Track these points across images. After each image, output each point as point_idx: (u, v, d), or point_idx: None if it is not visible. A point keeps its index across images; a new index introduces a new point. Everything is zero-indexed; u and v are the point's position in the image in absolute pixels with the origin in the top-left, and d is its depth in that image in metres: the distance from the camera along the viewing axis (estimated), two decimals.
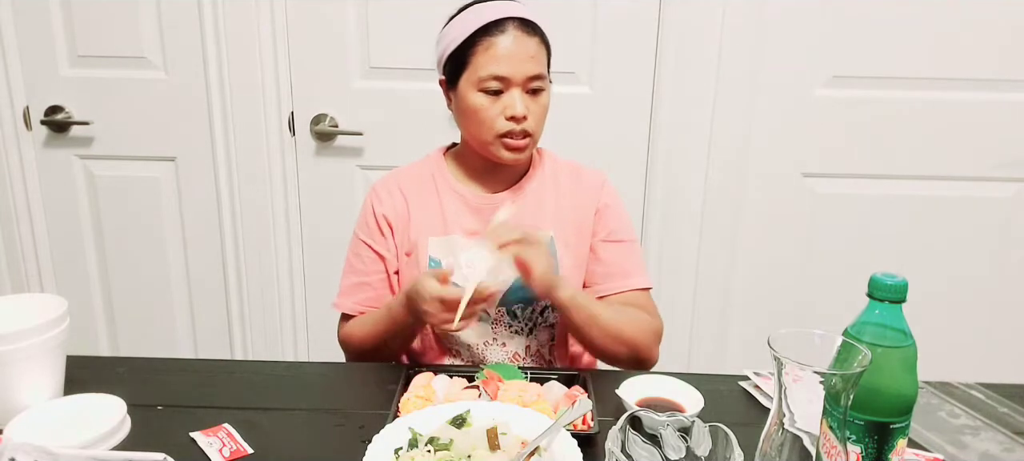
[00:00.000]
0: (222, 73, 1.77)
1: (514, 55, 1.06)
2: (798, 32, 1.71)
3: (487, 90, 1.07)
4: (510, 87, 1.07)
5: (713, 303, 1.90)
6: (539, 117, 1.10)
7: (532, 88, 1.08)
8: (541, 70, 1.09)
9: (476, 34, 1.07)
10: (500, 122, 1.07)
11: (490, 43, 1.06)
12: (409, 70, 1.75)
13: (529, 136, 1.09)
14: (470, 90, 1.08)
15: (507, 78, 1.06)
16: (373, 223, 1.18)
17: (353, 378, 1.10)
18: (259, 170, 1.83)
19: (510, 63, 1.06)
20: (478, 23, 1.07)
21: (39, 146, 1.86)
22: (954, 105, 1.75)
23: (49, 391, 0.92)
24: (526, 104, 1.07)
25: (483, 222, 1.15)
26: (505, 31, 1.06)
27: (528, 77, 1.07)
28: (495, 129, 1.08)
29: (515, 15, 1.07)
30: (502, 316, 1.16)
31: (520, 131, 1.08)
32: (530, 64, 1.07)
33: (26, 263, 1.93)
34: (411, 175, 1.21)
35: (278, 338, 1.96)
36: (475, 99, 1.08)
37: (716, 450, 0.68)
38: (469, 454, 0.79)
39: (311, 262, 1.92)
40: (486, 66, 1.06)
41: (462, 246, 1.14)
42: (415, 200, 1.18)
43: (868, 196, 1.82)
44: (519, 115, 1.06)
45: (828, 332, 0.66)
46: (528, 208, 1.16)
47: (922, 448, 0.89)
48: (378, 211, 1.18)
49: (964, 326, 1.88)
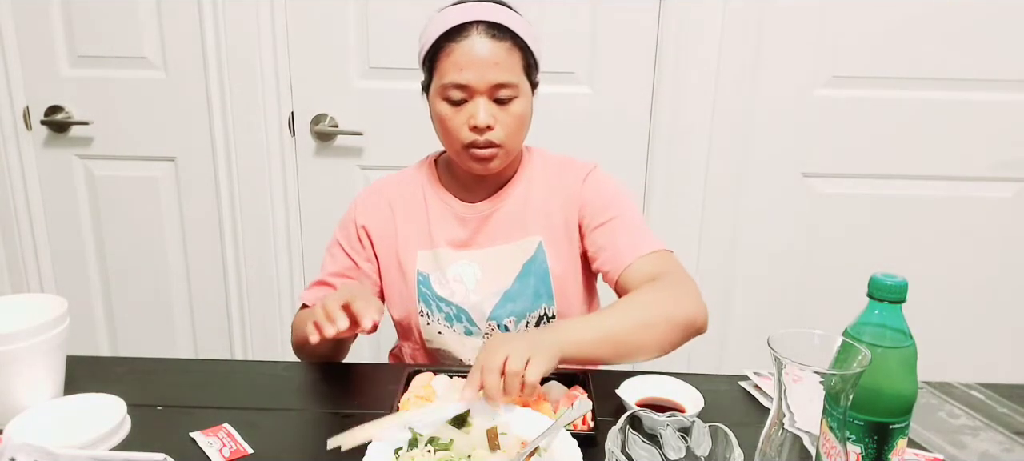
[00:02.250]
0: (222, 73, 1.77)
1: (476, 63, 1.00)
2: (798, 32, 1.71)
3: (450, 100, 1.02)
4: (474, 95, 1.01)
5: (713, 303, 1.89)
6: (510, 127, 1.04)
7: (499, 97, 1.02)
8: (508, 77, 1.01)
9: (440, 40, 1.02)
10: (464, 132, 1.03)
11: (451, 49, 1.01)
12: (409, 70, 1.72)
13: (497, 146, 1.04)
14: (436, 99, 1.04)
15: (468, 86, 1.01)
16: (352, 230, 1.16)
17: (353, 378, 1.10)
18: (259, 170, 1.83)
19: (471, 71, 1.00)
20: (443, 28, 1.01)
21: (39, 146, 1.86)
22: (954, 105, 1.75)
23: (49, 391, 0.92)
24: (492, 113, 1.02)
25: (470, 232, 1.13)
26: (468, 36, 1.00)
27: (492, 85, 1.01)
28: (460, 139, 1.03)
29: (482, 18, 1.00)
30: (492, 330, 1.14)
31: (484, 141, 1.03)
32: (494, 71, 1.00)
33: (26, 263, 1.93)
34: (399, 185, 1.18)
35: (278, 338, 1.96)
36: (440, 108, 1.04)
37: (716, 450, 0.68)
38: (469, 454, 0.79)
39: (311, 262, 1.92)
40: (447, 74, 1.01)
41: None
42: (402, 213, 1.15)
43: (868, 196, 1.82)
44: (480, 125, 1.01)
45: (828, 332, 0.66)
46: (507, 215, 1.13)
47: (922, 448, 0.89)
48: (359, 221, 1.16)
49: (964, 326, 1.88)
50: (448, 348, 1.15)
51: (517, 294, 1.12)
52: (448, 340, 1.14)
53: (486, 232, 1.13)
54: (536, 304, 1.13)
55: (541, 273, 1.12)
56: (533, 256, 1.12)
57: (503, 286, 1.12)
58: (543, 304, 1.13)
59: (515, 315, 1.13)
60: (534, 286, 1.12)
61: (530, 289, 1.12)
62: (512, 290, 1.12)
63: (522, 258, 1.12)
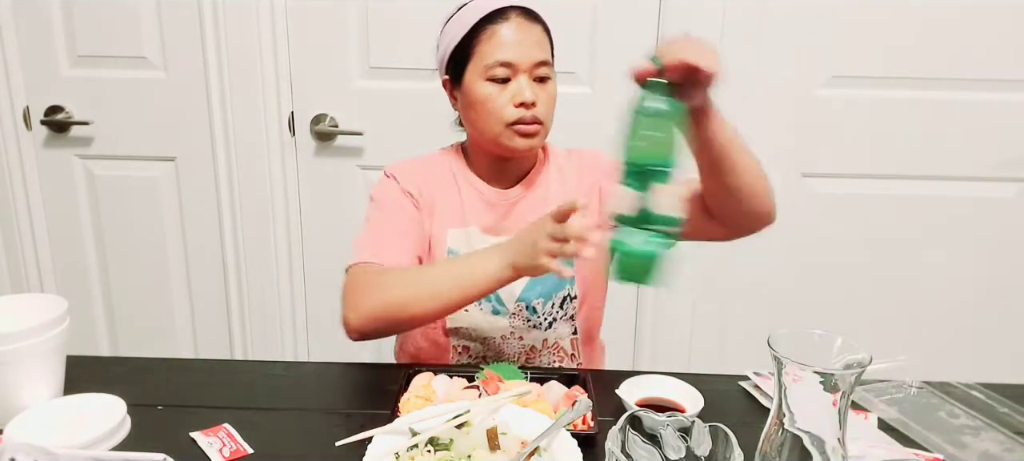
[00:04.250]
0: (222, 73, 1.77)
1: (520, 41, 1.06)
2: (798, 32, 1.71)
3: (494, 78, 1.07)
4: (517, 74, 1.07)
5: (713, 303, 1.90)
6: (548, 106, 1.10)
7: (539, 75, 1.08)
8: (547, 56, 1.09)
9: (479, 24, 1.07)
10: (509, 110, 1.07)
11: (494, 30, 1.06)
12: (409, 70, 1.75)
13: (540, 123, 1.08)
14: (477, 81, 1.08)
15: (514, 64, 1.06)
16: (396, 194, 1.13)
17: (353, 378, 1.10)
18: (259, 170, 1.83)
19: (516, 49, 1.06)
20: (480, 14, 1.07)
21: (39, 146, 1.86)
22: (954, 105, 1.75)
23: (49, 391, 0.92)
24: (534, 91, 1.07)
25: (498, 217, 1.16)
26: (508, 19, 1.07)
27: (535, 63, 1.07)
28: (504, 117, 1.07)
29: (518, 4, 1.08)
30: (521, 310, 1.16)
31: (531, 117, 1.07)
32: (536, 50, 1.07)
33: (26, 263, 1.93)
34: (428, 167, 1.19)
35: (278, 338, 1.96)
36: (482, 89, 1.07)
37: (716, 450, 0.68)
38: (469, 454, 0.79)
39: (311, 262, 1.92)
40: (492, 53, 1.06)
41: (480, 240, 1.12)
42: (436, 190, 1.17)
43: (868, 196, 1.82)
44: (528, 100, 1.06)
45: (828, 332, 0.66)
46: (537, 201, 1.16)
47: (922, 448, 0.89)
48: (403, 185, 1.14)
49: (964, 326, 1.88)
50: (472, 326, 1.16)
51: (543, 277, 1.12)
52: (474, 318, 1.16)
53: (514, 217, 1.17)
54: (561, 285, 1.16)
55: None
56: None
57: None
58: (566, 285, 1.17)
59: (542, 297, 1.16)
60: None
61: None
62: None
63: None
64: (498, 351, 1.17)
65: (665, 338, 1.93)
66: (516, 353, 1.18)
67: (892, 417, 0.95)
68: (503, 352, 1.17)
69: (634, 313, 1.92)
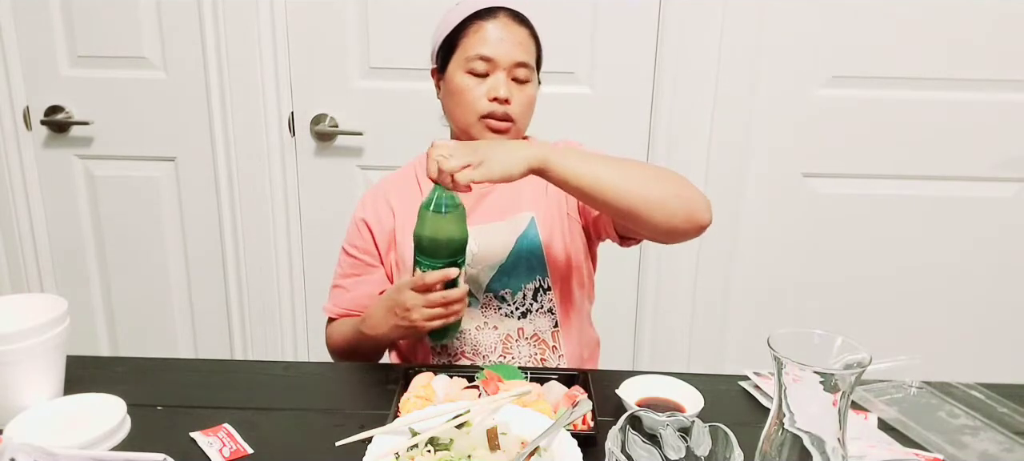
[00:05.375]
0: (222, 73, 1.77)
1: (502, 39, 1.10)
2: (798, 32, 1.71)
3: (474, 71, 1.10)
4: (496, 70, 1.10)
5: (713, 303, 1.90)
6: (523, 106, 1.13)
7: (517, 76, 1.11)
8: (528, 59, 1.12)
9: (468, 19, 1.12)
10: (483, 102, 1.10)
11: (480, 26, 1.11)
12: (409, 70, 1.75)
13: (511, 121, 1.11)
14: (457, 72, 1.12)
15: (493, 59, 1.09)
16: (354, 230, 1.25)
17: (353, 378, 1.10)
18: (259, 170, 1.83)
19: (498, 46, 1.09)
20: (471, 9, 1.12)
21: (39, 146, 1.86)
22: (954, 105, 1.75)
23: (49, 391, 0.92)
24: (510, 90, 1.10)
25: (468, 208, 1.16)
26: (495, 17, 1.11)
27: (515, 62, 1.10)
28: (478, 109, 1.11)
29: (508, 5, 1.12)
30: (490, 300, 1.17)
31: (503, 113, 1.10)
32: (517, 50, 1.10)
33: (26, 263, 1.93)
34: (396, 180, 1.26)
35: (278, 338, 1.96)
36: (461, 80, 1.11)
37: (716, 450, 0.68)
38: (469, 454, 0.79)
39: (311, 262, 1.92)
40: (474, 47, 1.10)
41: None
42: (398, 202, 1.21)
43: (868, 196, 1.82)
44: (502, 96, 1.09)
45: (828, 332, 0.66)
46: (506, 191, 1.17)
47: (922, 448, 0.89)
48: (358, 216, 1.24)
49: (964, 326, 1.89)
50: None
51: (511, 268, 1.16)
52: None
53: (480, 211, 1.18)
54: (531, 276, 1.17)
55: (533, 247, 1.17)
56: (525, 231, 1.17)
57: (498, 260, 1.16)
58: (537, 276, 1.17)
59: (511, 288, 1.17)
60: (527, 260, 1.17)
61: (523, 263, 1.17)
62: (506, 264, 1.17)
63: (515, 233, 1.17)
64: (474, 343, 1.18)
65: (665, 338, 1.93)
66: (493, 343, 1.18)
67: (892, 417, 0.96)
68: (479, 343, 1.18)
69: (634, 313, 1.92)
